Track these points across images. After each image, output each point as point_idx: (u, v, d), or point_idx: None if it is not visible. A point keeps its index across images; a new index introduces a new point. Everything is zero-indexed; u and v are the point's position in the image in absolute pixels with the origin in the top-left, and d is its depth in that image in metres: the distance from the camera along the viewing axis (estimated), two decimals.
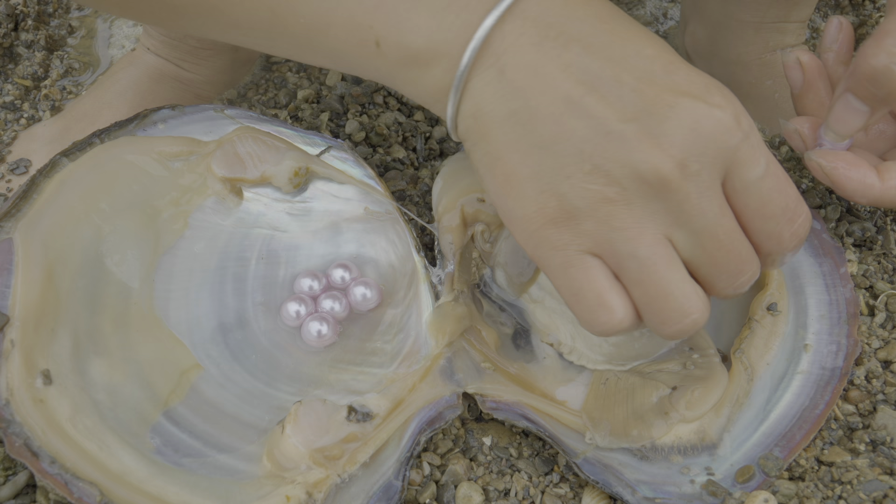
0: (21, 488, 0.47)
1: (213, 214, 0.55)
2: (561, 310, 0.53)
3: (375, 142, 0.69)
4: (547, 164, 0.42)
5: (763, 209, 0.44)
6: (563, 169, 0.42)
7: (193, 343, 0.52)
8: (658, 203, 0.42)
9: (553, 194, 0.42)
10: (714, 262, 0.43)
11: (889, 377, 0.55)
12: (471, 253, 0.55)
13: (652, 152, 0.41)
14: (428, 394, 0.51)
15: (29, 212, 0.50)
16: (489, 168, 0.44)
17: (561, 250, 0.43)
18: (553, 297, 0.53)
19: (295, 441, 0.47)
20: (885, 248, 0.61)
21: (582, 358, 0.53)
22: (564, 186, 0.42)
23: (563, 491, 0.50)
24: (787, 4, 0.75)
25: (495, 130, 0.43)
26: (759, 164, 0.43)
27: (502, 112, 0.42)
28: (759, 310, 0.54)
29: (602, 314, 0.43)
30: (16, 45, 0.77)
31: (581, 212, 0.42)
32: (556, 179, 0.42)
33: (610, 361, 0.53)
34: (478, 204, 0.55)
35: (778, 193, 0.44)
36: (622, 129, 0.41)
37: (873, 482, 0.49)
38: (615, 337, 0.52)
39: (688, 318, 0.43)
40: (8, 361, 0.45)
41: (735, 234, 0.44)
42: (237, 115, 0.57)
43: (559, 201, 0.42)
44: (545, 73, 0.42)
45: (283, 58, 0.51)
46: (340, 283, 0.55)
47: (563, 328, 0.53)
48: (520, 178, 0.43)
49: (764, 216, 0.44)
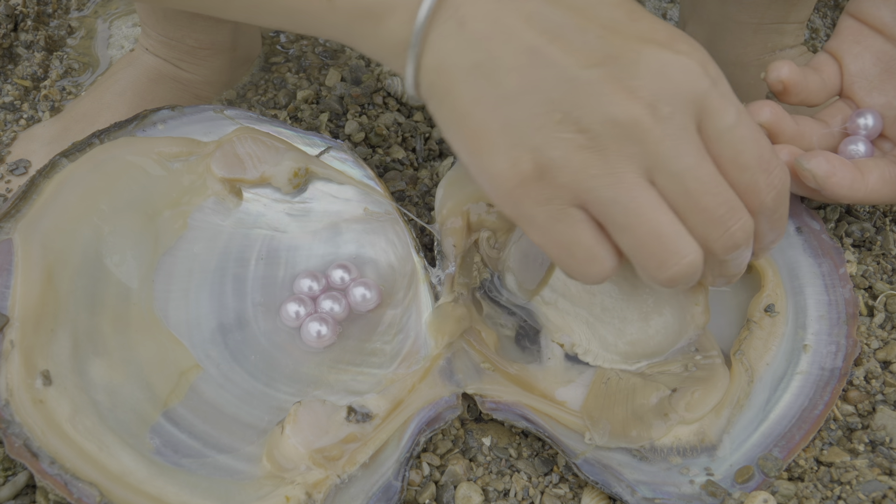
0: (21, 489, 0.47)
1: (212, 215, 0.55)
2: (574, 311, 0.53)
3: (375, 142, 0.69)
4: (516, 117, 0.41)
5: (738, 158, 0.43)
6: (533, 120, 0.41)
7: (193, 343, 0.52)
8: (634, 146, 0.41)
9: (526, 148, 0.41)
10: (701, 206, 0.42)
11: (888, 378, 0.55)
12: (473, 256, 0.55)
13: (621, 96, 0.40)
14: (427, 394, 0.51)
15: (28, 212, 0.50)
16: (457, 126, 0.42)
17: (543, 206, 0.42)
18: (566, 298, 0.53)
19: (294, 441, 0.47)
20: (885, 249, 0.61)
21: (598, 358, 0.53)
22: (537, 138, 0.41)
23: (563, 491, 0.51)
24: (785, 5, 0.75)
25: (459, 85, 0.41)
26: (729, 112, 0.42)
27: (465, 65, 0.41)
28: (756, 311, 0.54)
29: (594, 266, 0.43)
30: (15, 46, 0.77)
31: (556, 163, 0.41)
32: (528, 132, 0.41)
33: (626, 360, 0.53)
34: (485, 209, 0.55)
35: (752, 142, 0.43)
36: (589, 75, 0.40)
37: (872, 482, 0.50)
38: (631, 335, 0.52)
39: (684, 258, 0.42)
40: (7, 362, 0.45)
41: (718, 178, 0.42)
42: (236, 116, 0.57)
43: (533, 154, 0.41)
44: (506, 23, 0.41)
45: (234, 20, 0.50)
46: (340, 283, 0.55)
47: (578, 329, 0.53)
48: (490, 134, 0.41)
49: (739, 166, 0.43)
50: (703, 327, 0.53)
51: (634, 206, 0.41)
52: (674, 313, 0.52)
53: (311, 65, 0.78)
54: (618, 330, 0.52)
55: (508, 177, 0.41)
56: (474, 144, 0.42)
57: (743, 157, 0.43)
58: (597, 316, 0.52)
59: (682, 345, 0.53)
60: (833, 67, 0.59)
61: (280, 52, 0.80)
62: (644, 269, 0.43)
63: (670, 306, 0.52)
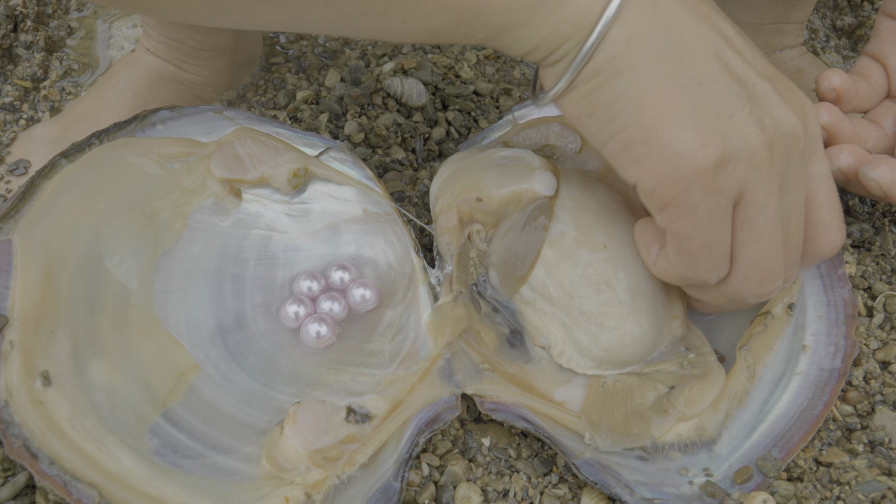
0: (20, 489, 0.47)
1: (211, 215, 0.55)
2: (552, 312, 0.53)
3: (374, 143, 0.69)
4: (707, 101, 0.42)
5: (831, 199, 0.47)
6: (724, 108, 0.42)
7: (192, 344, 0.52)
8: (784, 163, 0.44)
9: (716, 133, 0.42)
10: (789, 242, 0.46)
11: (887, 378, 0.55)
12: (469, 253, 0.55)
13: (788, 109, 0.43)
14: (427, 395, 0.51)
15: (28, 213, 0.50)
16: (640, 99, 0.42)
17: (713, 196, 0.43)
18: (544, 298, 0.53)
19: (294, 442, 0.47)
20: (883, 249, 0.61)
21: (571, 362, 0.53)
22: (727, 126, 0.42)
23: (562, 492, 0.51)
24: (785, 6, 0.75)
25: (651, 59, 0.42)
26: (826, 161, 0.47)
27: (659, 42, 0.42)
28: (777, 305, 0.53)
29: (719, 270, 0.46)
30: (15, 46, 0.77)
31: (739, 155, 0.42)
32: (719, 118, 0.42)
33: (599, 366, 0.52)
34: (475, 203, 0.55)
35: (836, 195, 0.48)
36: (763, 85, 0.43)
37: (871, 483, 0.50)
38: (607, 342, 0.52)
39: (779, 279, 0.46)
40: (7, 363, 0.45)
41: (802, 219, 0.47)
42: (236, 117, 0.57)
43: (723, 140, 0.42)
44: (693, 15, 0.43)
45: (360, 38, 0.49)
46: (339, 284, 0.55)
47: (555, 331, 0.53)
48: (680, 112, 0.42)
49: (830, 206, 0.47)
50: (677, 339, 0.53)
51: (774, 221, 0.44)
52: (652, 324, 0.52)
53: (311, 65, 0.78)
54: (593, 335, 0.52)
55: (694, 157, 0.42)
56: (661, 118, 0.42)
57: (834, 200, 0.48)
58: (574, 319, 0.52)
59: (662, 351, 0.53)
60: (878, 70, 0.59)
61: (280, 53, 0.80)
62: (747, 281, 0.46)
63: (649, 316, 0.52)
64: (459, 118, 0.72)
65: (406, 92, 0.71)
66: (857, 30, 0.87)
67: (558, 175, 0.55)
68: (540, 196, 0.54)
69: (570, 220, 0.53)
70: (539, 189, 0.54)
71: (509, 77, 0.79)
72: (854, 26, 0.87)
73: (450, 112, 0.72)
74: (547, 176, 0.54)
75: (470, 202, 0.55)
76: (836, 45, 0.87)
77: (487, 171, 0.55)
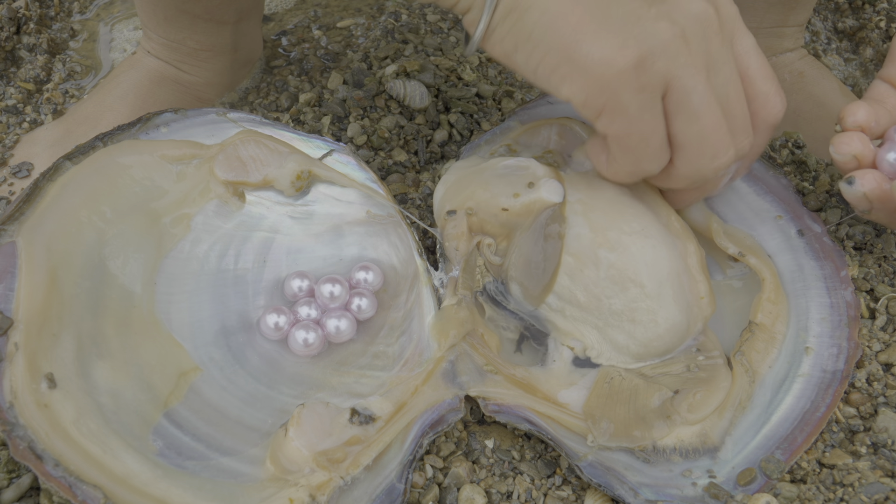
0: (25, 491, 0.47)
1: (215, 218, 0.55)
2: (583, 317, 0.53)
3: (377, 145, 0.70)
4: (613, 11, 0.45)
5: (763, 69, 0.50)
6: (631, 13, 0.46)
7: (196, 346, 0.52)
8: (704, 44, 0.47)
9: (629, 36, 0.45)
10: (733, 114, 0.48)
11: (890, 380, 0.55)
12: (475, 259, 0.55)
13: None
14: (430, 397, 0.51)
15: (32, 215, 0.50)
16: (552, 24, 0.46)
17: (640, 93, 0.46)
18: (573, 305, 0.53)
19: (298, 444, 0.47)
20: (886, 252, 0.61)
21: (611, 360, 0.53)
22: (636, 29, 0.45)
23: (566, 493, 0.51)
24: (784, 8, 0.75)
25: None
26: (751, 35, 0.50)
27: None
28: (759, 313, 0.54)
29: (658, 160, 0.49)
30: (18, 49, 0.77)
31: (654, 51, 0.45)
32: (628, 23, 0.45)
33: (640, 360, 0.53)
34: (497, 213, 0.55)
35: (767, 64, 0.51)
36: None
37: (875, 484, 0.50)
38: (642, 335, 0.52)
39: (730, 150, 0.49)
40: (12, 365, 0.45)
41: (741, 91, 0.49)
42: (239, 119, 0.57)
43: (636, 41, 0.45)
44: None
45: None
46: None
47: (588, 335, 0.53)
48: (590, 27, 0.45)
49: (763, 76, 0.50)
50: (709, 318, 0.53)
51: (708, 98, 0.47)
52: (681, 310, 0.52)
53: (313, 68, 0.78)
54: (628, 333, 0.52)
55: (614, 61, 0.45)
56: (574, 37, 0.45)
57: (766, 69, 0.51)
58: (606, 320, 0.52)
59: (690, 343, 0.53)
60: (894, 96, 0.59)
61: (282, 55, 0.80)
62: (699, 159, 0.48)
63: (677, 303, 0.52)
64: (462, 120, 0.72)
65: (408, 94, 0.71)
66: (859, 32, 0.87)
67: (562, 181, 0.55)
68: (549, 204, 0.54)
69: (582, 223, 0.53)
70: (547, 197, 0.54)
71: (511, 79, 0.79)
72: (855, 29, 0.87)
73: (452, 114, 0.72)
74: (553, 183, 0.55)
75: (490, 211, 0.55)
76: (837, 48, 0.87)
77: (493, 181, 0.55)
